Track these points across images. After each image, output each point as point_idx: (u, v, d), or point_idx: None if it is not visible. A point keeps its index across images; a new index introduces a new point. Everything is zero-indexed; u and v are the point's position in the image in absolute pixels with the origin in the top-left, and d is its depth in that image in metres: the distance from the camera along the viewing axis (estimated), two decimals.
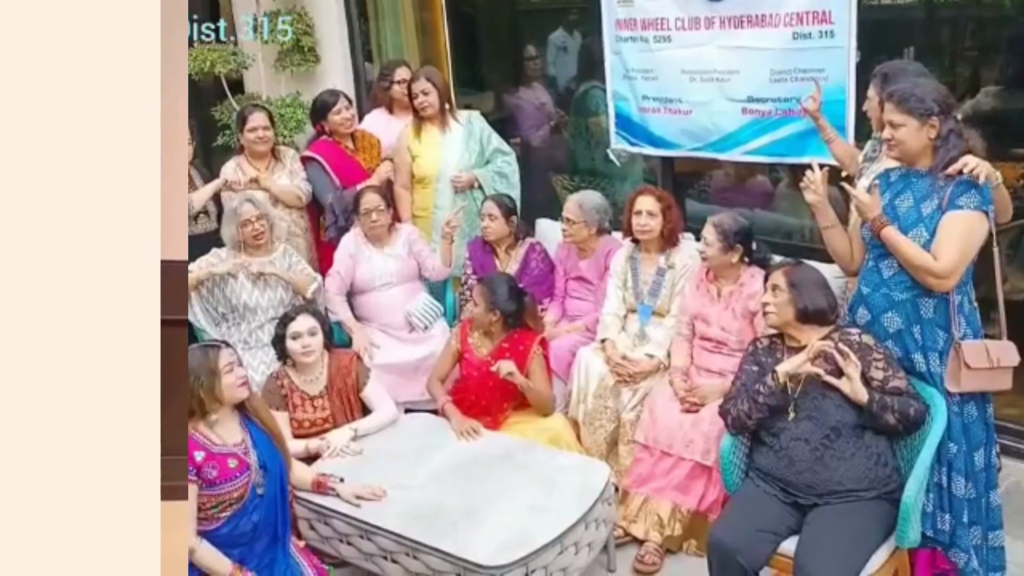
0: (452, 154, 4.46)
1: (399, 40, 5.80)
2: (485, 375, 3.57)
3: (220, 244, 4.06)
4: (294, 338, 3.41)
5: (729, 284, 3.49)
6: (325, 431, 3.42)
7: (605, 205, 4.11)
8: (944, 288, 2.71)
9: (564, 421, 3.70)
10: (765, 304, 2.96)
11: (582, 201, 4.04)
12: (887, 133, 2.74)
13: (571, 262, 4.16)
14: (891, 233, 2.73)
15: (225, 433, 2.70)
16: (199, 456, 2.62)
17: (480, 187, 4.45)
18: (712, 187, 4.69)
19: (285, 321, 3.46)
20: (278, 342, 3.47)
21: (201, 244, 4.03)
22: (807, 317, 2.89)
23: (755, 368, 2.99)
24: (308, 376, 3.46)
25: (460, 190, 4.43)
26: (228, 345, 2.80)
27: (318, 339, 3.44)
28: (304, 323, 3.43)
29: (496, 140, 4.58)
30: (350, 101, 4.63)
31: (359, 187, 4.30)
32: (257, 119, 4.35)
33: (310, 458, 3.31)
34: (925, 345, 2.80)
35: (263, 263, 3.93)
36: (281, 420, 3.26)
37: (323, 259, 4.43)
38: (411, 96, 4.44)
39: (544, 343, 3.67)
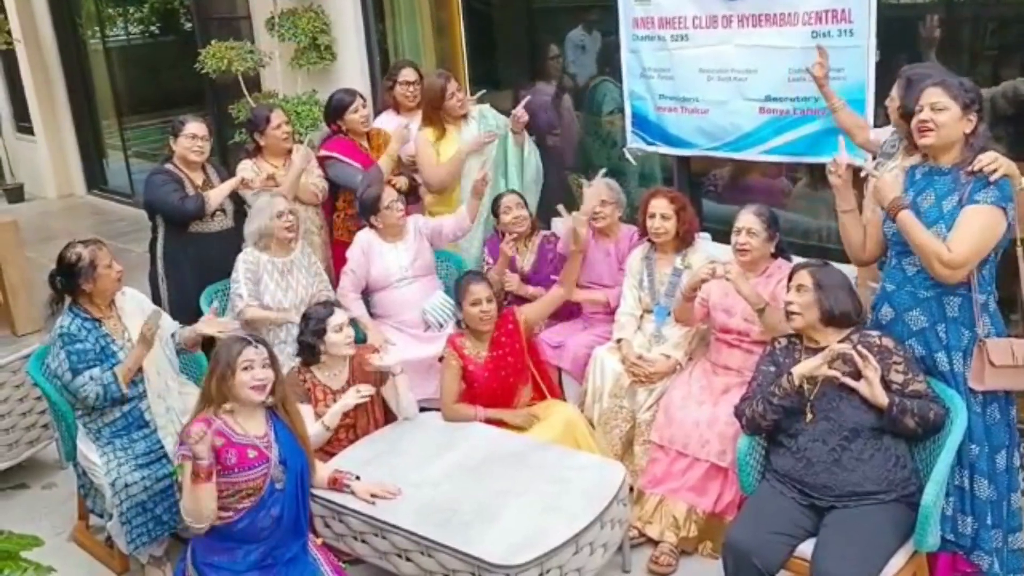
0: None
1: (415, 38, 5.82)
2: (494, 371, 3.58)
3: (235, 242, 4.07)
4: (338, 330, 3.44)
5: (755, 275, 3.47)
6: (346, 425, 3.45)
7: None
8: (954, 279, 2.68)
9: (577, 411, 3.70)
10: (789, 303, 2.93)
11: (610, 183, 4.09)
12: (926, 115, 2.69)
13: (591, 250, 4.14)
14: (906, 217, 2.71)
15: (248, 424, 2.74)
16: (219, 442, 2.65)
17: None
18: (720, 186, 4.69)
19: (322, 317, 3.46)
20: (315, 338, 3.45)
21: (217, 241, 4.04)
22: (832, 319, 2.87)
23: (772, 369, 2.97)
24: (331, 371, 3.49)
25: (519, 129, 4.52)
26: (266, 346, 2.81)
27: (353, 330, 3.53)
28: (342, 316, 3.50)
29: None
30: (365, 100, 4.64)
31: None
32: (279, 117, 4.39)
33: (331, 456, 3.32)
34: (949, 344, 2.78)
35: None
36: (306, 413, 3.28)
37: (336, 257, 4.44)
38: (444, 99, 4.45)
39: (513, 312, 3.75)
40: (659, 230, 3.73)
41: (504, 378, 3.61)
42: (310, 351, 3.48)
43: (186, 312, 3.76)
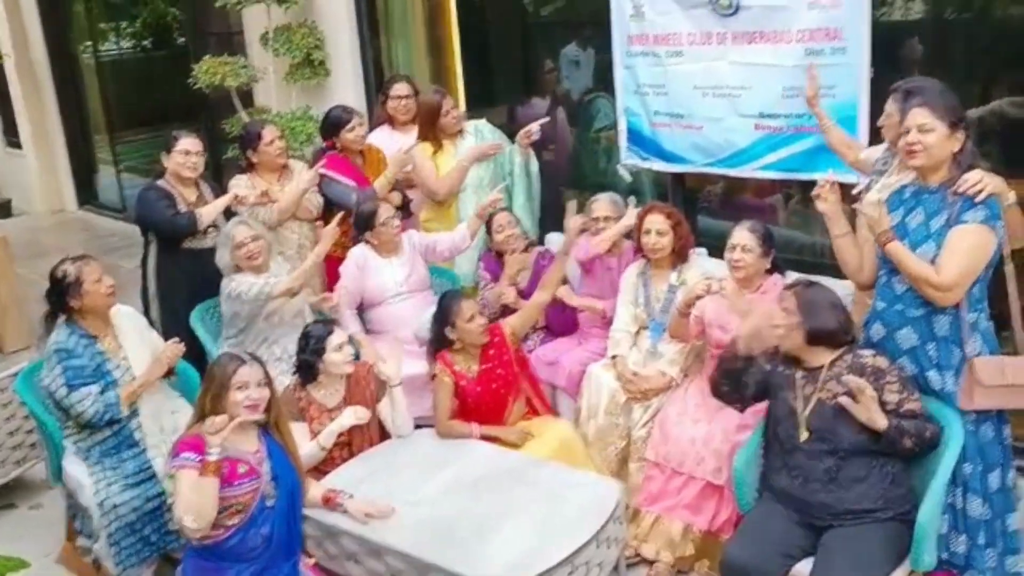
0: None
1: (410, 54, 5.83)
2: (486, 385, 3.57)
3: None
4: (338, 349, 3.41)
5: (750, 292, 3.45)
6: (341, 443, 3.40)
7: None
8: (947, 301, 2.69)
9: (572, 428, 3.69)
10: (777, 327, 2.93)
11: (614, 198, 4.10)
12: (913, 136, 2.69)
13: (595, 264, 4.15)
14: (895, 248, 2.73)
15: (240, 440, 2.71)
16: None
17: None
18: (715, 202, 4.70)
19: (322, 336, 3.42)
20: (314, 357, 3.41)
21: (210, 258, 4.01)
22: (817, 340, 2.85)
23: (765, 364, 2.99)
24: (327, 389, 3.46)
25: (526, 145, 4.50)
26: (260, 364, 2.79)
27: (353, 349, 3.49)
28: (342, 334, 3.47)
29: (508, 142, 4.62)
30: (362, 117, 4.64)
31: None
32: (272, 132, 4.37)
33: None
34: (940, 363, 2.78)
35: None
36: (300, 431, 3.25)
37: (329, 273, 4.42)
38: (438, 115, 4.45)
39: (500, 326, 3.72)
40: (655, 246, 3.73)
41: (496, 391, 3.59)
42: (308, 370, 3.45)
43: (176, 329, 3.73)
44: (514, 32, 5.62)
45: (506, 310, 4.12)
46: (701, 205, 4.67)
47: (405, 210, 4.58)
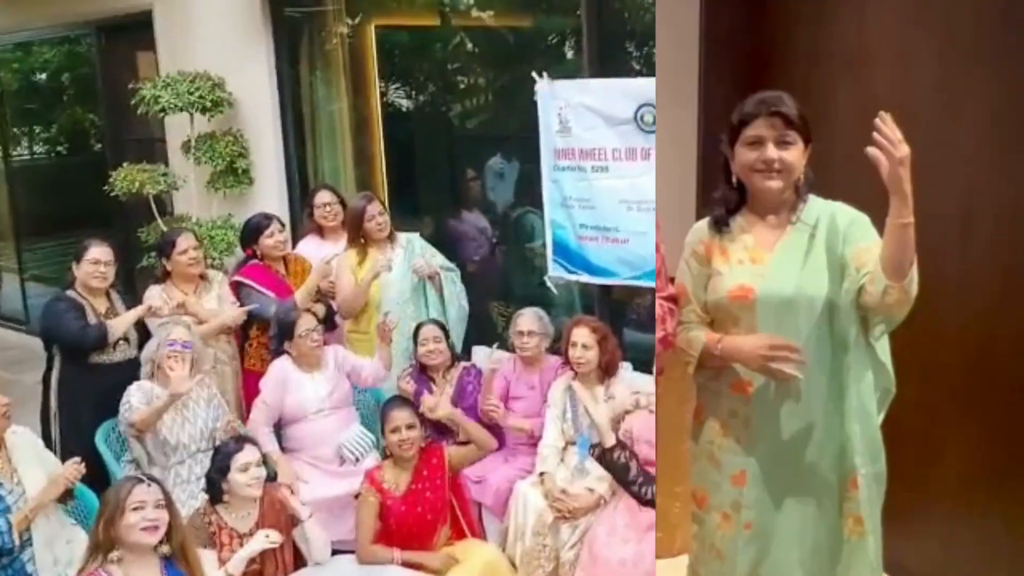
0: (394, 277, 4.39)
1: (336, 164, 5.82)
2: (412, 505, 3.43)
3: (138, 373, 3.82)
4: (244, 470, 3.20)
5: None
6: (252, 572, 3.16)
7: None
8: None
9: (498, 551, 3.57)
10: None
11: (539, 313, 4.07)
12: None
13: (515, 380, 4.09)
14: None
15: (139, 573, 2.51)
16: None
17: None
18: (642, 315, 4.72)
19: (229, 452, 3.23)
20: (219, 476, 3.22)
21: (119, 372, 3.82)
22: None
23: None
24: (239, 513, 3.24)
25: (421, 278, 4.40)
26: (159, 484, 2.63)
27: (263, 471, 3.28)
28: (252, 454, 3.24)
29: (440, 258, 4.55)
30: (283, 224, 4.56)
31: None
32: (187, 241, 4.24)
33: None
34: None
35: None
36: (208, 559, 3.02)
37: (248, 388, 4.24)
38: (363, 221, 4.38)
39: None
40: (580, 360, 3.70)
41: (421, 515, 3.45)
42: (214, 488, 3.25)
43: (79, 449, 3.49)
44: (441, 145, 5.68)
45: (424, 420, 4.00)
46: (629, 318, 4.69)
47: (329, 322, 4.46)
